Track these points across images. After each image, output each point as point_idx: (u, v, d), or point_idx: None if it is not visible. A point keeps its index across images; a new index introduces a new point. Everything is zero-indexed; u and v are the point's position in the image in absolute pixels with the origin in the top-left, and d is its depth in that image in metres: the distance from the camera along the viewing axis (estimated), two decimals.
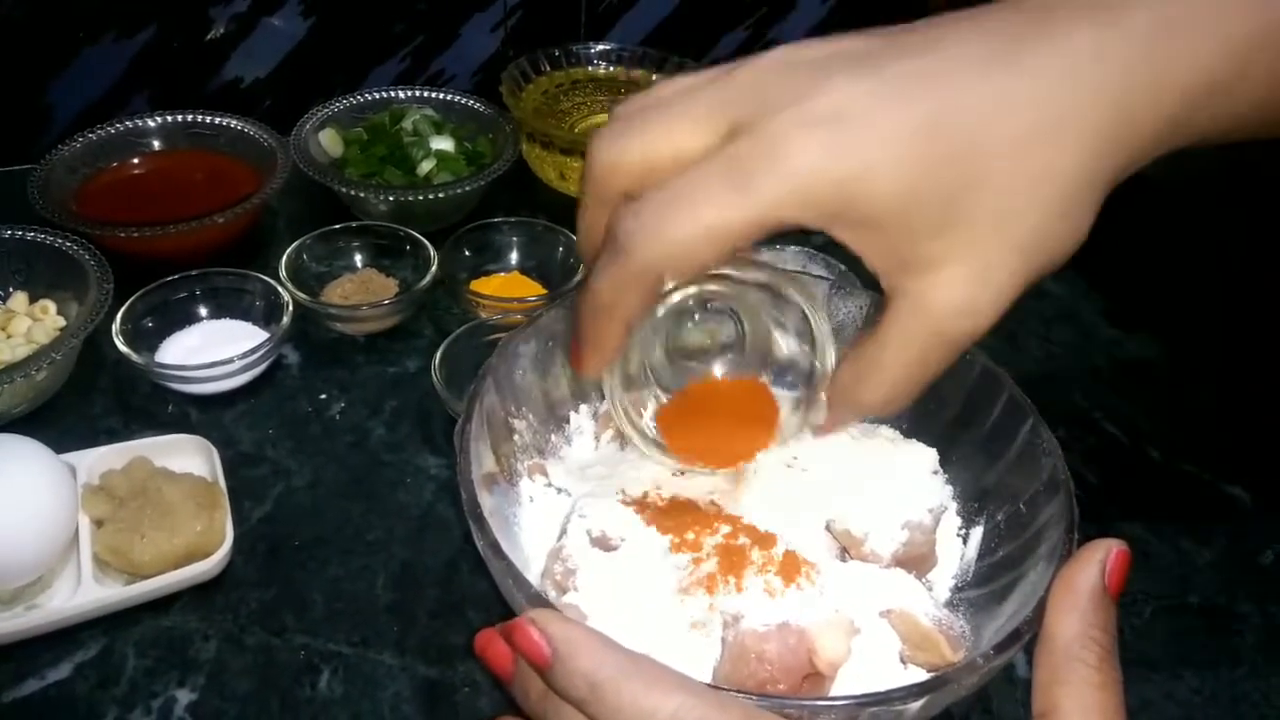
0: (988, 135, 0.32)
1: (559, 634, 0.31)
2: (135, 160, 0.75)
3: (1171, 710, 0.50)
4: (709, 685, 0.30)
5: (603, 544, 0.44)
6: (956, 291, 0.34)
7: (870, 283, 0.37)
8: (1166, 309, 0.76)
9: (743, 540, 0.43)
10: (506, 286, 0.70)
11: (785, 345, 0.45)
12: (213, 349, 0.61)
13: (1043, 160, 0.33)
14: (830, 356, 0.44)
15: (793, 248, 0.75)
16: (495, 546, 0.39)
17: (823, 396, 0.42)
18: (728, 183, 0.33)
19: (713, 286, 0.44)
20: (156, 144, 0.76)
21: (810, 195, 0.32)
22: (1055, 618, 0.34)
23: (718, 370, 0.47)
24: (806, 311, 0.44)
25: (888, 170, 0.32)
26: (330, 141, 0.76)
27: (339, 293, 0.67)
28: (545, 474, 0.50)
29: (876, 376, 0.37)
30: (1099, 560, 0.34)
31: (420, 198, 0.71)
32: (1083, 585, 0.34)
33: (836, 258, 0.73)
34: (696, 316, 0.46)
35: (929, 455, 0.49)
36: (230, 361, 0.59)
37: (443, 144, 0.76)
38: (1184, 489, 0.63)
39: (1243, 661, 0.53)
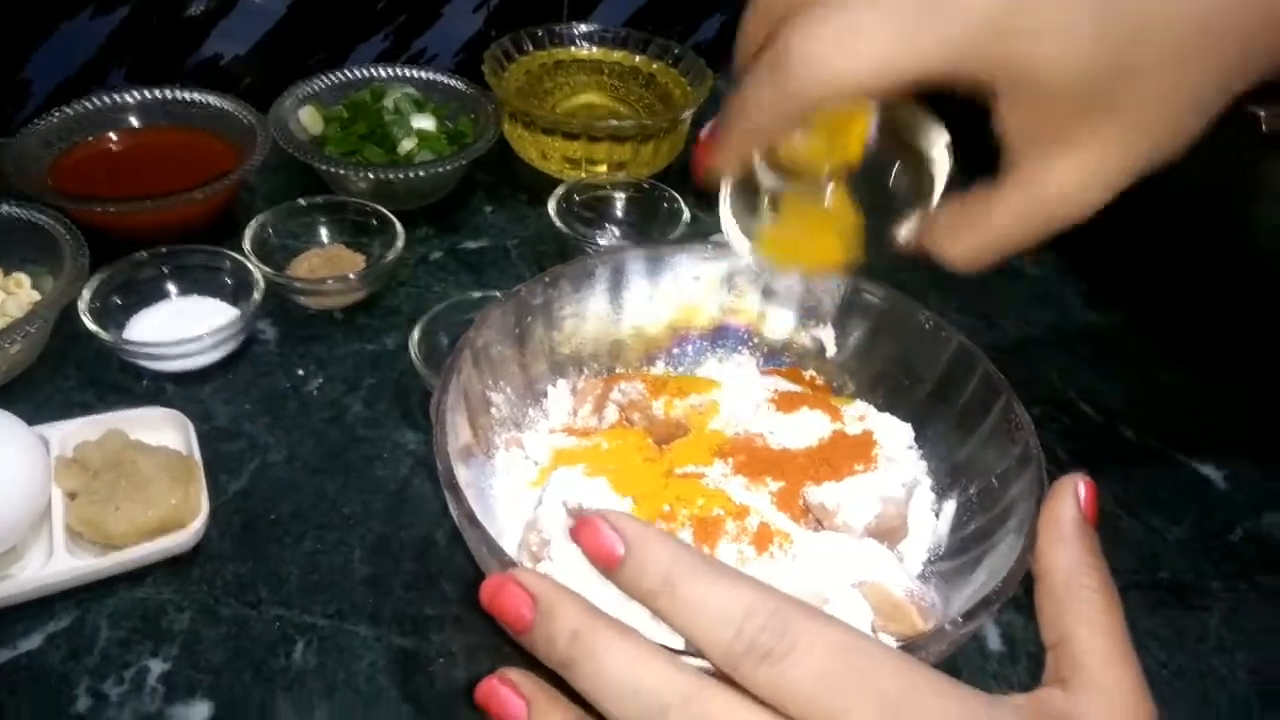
0: (1157, 26, 0.33)
1: (633, 527, 0.30)
2: (112, 135, 0.74)
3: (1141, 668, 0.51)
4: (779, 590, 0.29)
5: (577, 515, 0.44)
6: (1072, 177, 0.36)
7: None
8: (1144, 292, 0.77)
9: (717, 511, 0.44)
10: None
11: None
12: (183, 326, 0.60)
13: (1201, 63, 0.34)
14: (937, 197, 0.44)
15: None
16: (470, 515, 0.39)
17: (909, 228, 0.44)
18: (906, 19, 0.34)
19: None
20: (133, 120, 0.75)
21: (981, 44, 0.33)
22: (1048, 554, 0.34)
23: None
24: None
25: (1061, 37, 0.33)
26: (310, 119, 0.76)
27: (305, 267, 0.67)
28: (522, 447, 0.50)
29: (972, 233, 0.40)
30: (1071, 494, 0.35)
31: (401, 176, 0.70)
32: (1065, 518, 0.34)
33: None
34: None
35: (904, 430, 0.50)
36: (200, 339, 0.59)
37: (424, 123, 0.76)
38: (1156, 467, 0.63)
39: (1209, 637, 0.54)
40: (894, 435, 0.49)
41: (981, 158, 0.40)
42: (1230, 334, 0.72)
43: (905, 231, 0.45)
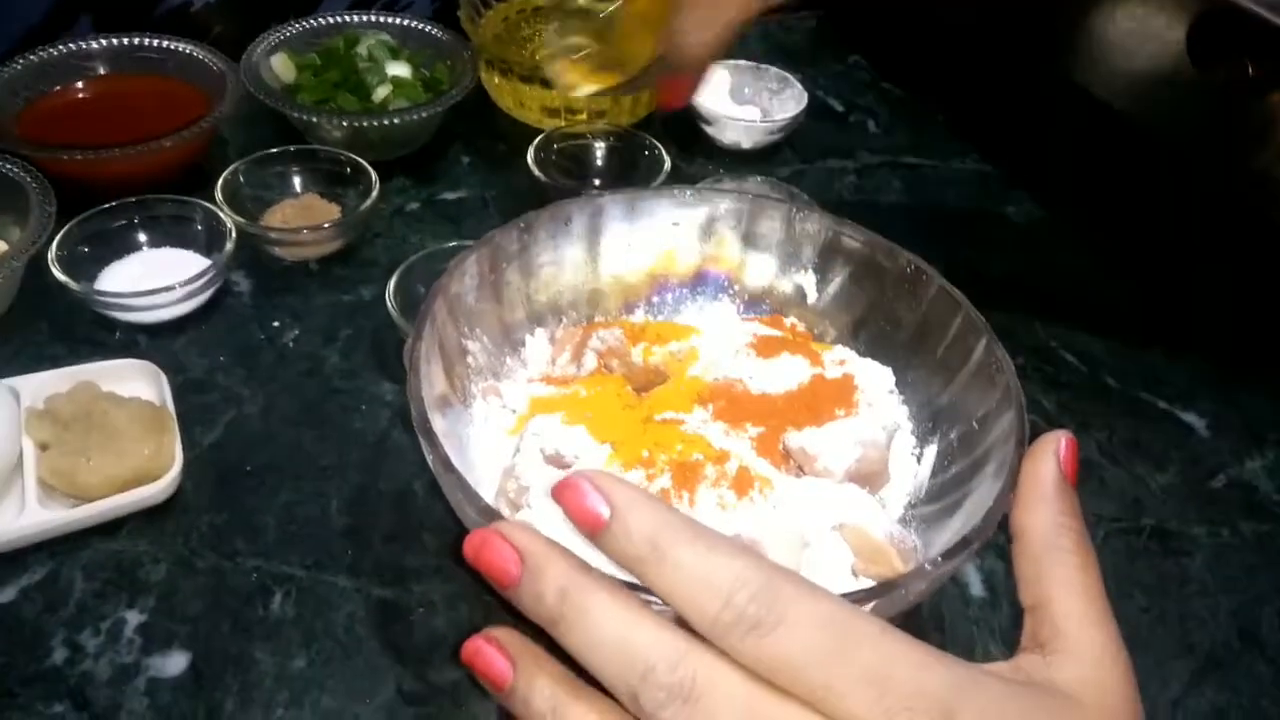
0: None
1: (618, 490, 0.29)
2: (79, 84, 0.72)
3: (1121, 629, 0.51)
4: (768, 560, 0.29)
5: (556, 461, 0.44)
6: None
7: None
8: (1127, 242, 0.76)
9: (697, 456, 0.43)
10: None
11: None
12: (155, 277, 0.59)
13: None
14: None
15: (756, 177, 0.74)
16: (446, 461, 0.38)
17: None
18: None
19: None
20: (102, 68, 0.73)
21: None
22: (1025, 514, 0.34)
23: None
24: None
25: None
26: (282, 67, 0.74)
27: (279, 217, 0.66)
28: (500, 395, 0.49)
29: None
30: (1052, 452, 0.35)
31: (375, 124, 0.69)
32: (1045, 477, 0.34)
33: (800, 187, 0.73)
34: None
35: (885, 374, 0.49)
36: (172, 289, 0.58)
37: (399, 70, 0.74)
38: (1140, 416, 0.63)
39: (1191, 581, 0.54)
40: (875, 380, 0.48)
41: None
42: (1214, 282, 0.72)
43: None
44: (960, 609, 0.51)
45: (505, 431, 0.48)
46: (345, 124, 0.69)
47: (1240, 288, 0.71)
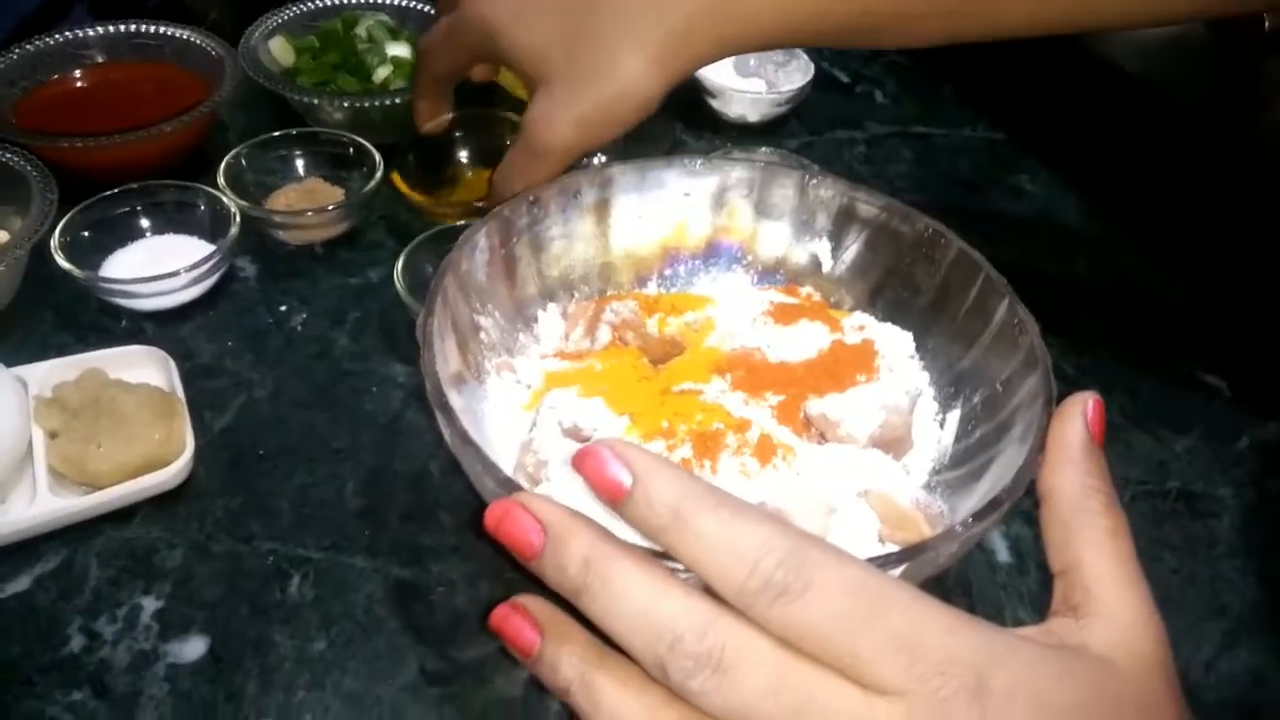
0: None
1: (640, 458, 0.29)
2: (76, 73, 0.71)
3: (1152, 591, 0.50)
4: (794, 526, 0.28)
5: (574, 434, 0.43)
6: (537, 112, 0.50)
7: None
8: (1143, 206, 0.75)
9: (717, 425, 0.42)
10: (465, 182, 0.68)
11: None
12: (159, 264, 0.59)
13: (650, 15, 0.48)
14: None
15: (764, 149, 0.73)
16: (464, 434, 0.37)
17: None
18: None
19: None
20: (99, 56, 0.72)
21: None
22: (1053, 477, 0.34)
23: None
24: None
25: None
26: (281, 50, 0.73)
27: (282, 201, 0.65)
28: (514, 371, 0.49)
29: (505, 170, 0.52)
30: (1080, 413, 0.34)
31: (376, 104, 0.68)
32: (1072, 440, 0.34)
33: (809, 159, 0.72)
34: None
35: (905, 339, 0.48)
36: (177, 275, 0.57)
37: (399, 50, 0.73)
38: (1162, 379, 0.62)
39: (1219, 543, 0.53)
40: (895, 345, 0.48)
41: None
42: (1233, 243, 0.71)
43: None
44: (987, 575, 0.50)
45: (520, 407, 0.47)
46: (346, 105, 0.68)
47: (1259, 249, 0.70)
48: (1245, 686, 0.47)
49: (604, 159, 0.72)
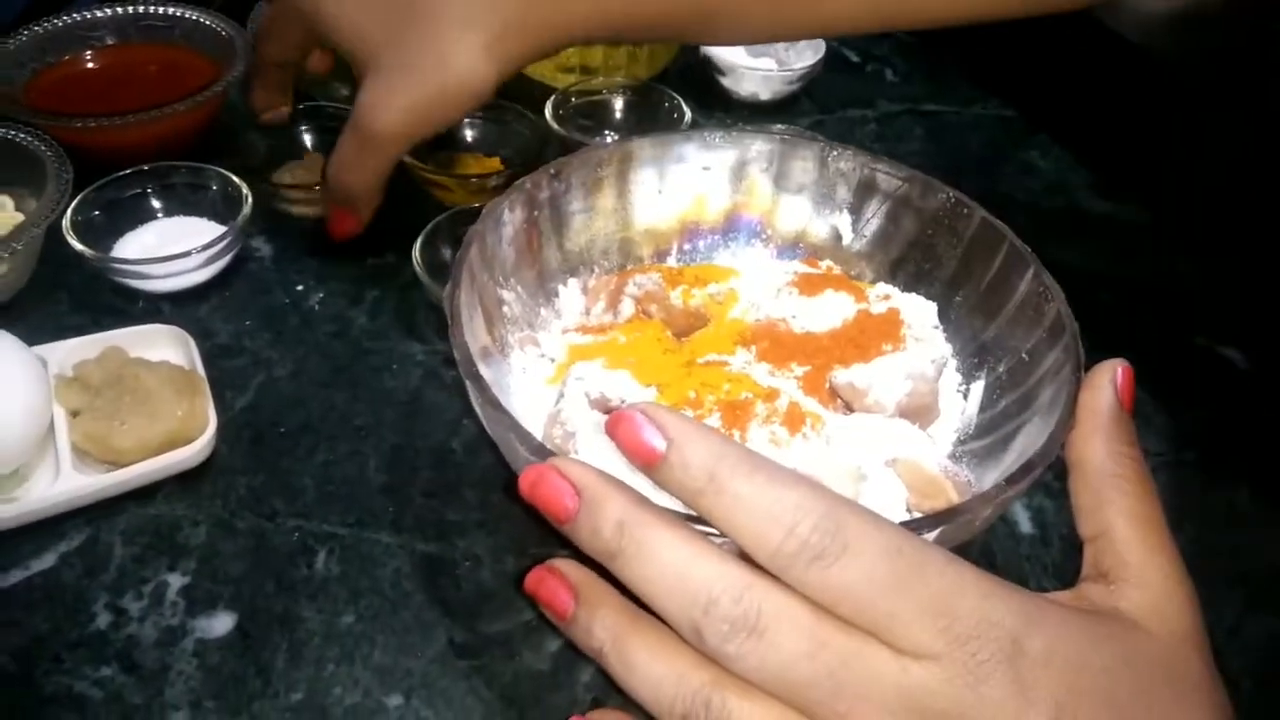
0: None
1: (674, 421, 0.28)
2: (86, 54, 0.71)
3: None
4: (829, 489, 0.28)
5: (602, 405, 0.43)
6: (366, 93, 0.50)
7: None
8: (1155, 179, 0.75)
9: (745, 395, 0.42)
10: (465, 168, 0.68)
11: None
12: (172, 245, 0.58)
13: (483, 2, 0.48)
14: None
15: (778, 126, 0.73)
16: (495, 402, 0.37)
17: None
18: None
19: None
20: (108, 38, 0.72)
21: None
22: (1083, 444, 0.34)
23: None
24: None
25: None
26: None
27: (288, 177, 0.65)
28: (537, 345, 0.49)
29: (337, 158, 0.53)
30: (1109, 380, 0.34)
31: None
32: (1102, 407, 0.34)
33: (824, 135, 0.72)
34: None
35: (929, 308, 0.48)
36: (190, 254, 0.57)
37: None
38: (1178, 352, 0.62)
39: (1239, 513, 0.53)
40: (920, 314, 0.48)
41: None
42: (1247, 214, 0.71)
43: None
44: (1011, 547, 0.50)
45: (545, 381, 0.47)
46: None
47: (1273, 222, 0.70)
48: (1269, 653, 0.47)
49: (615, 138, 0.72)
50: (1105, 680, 0.28)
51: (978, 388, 0.47)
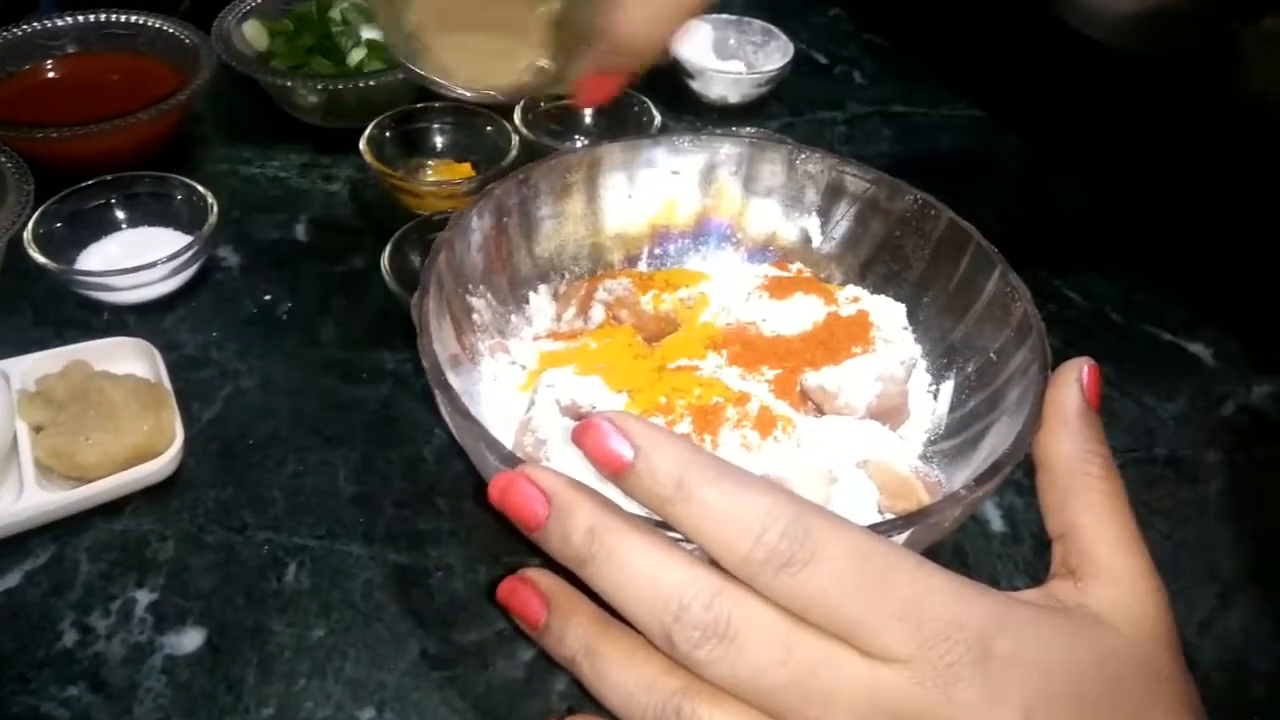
0: None
1: (641, 430, 0.28)
2: (47, 64, 0.70)
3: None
4: (797, 495, 0.28)
5: (572, 412, 0.43)
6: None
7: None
8: (1122, 178, 0.76)
9: (716, 399, 0.42)
10: (436, 174, 0.67)
11: None
12: (136, 257, 0.58)
13: None
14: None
15: (747, 129, 0.73)
16: (465, 411, 0.37)
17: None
18: None
19: None
20: (70, 47, 0.71)
21: None
22: (1050, 443, 0.34)
23: None
24: None
25: None
26: (255, 33, 0.72)
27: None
28: (508, 352, 0.48)
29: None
30: (1075, 379, 0.34)
31: (350, 86, 0.67)
32: (1068, 406, 0.34)
33: (794, 137, 0.72)
34: None
35: (898, 310, 0.49)
36: (155, 265, 0.56)
37: (373, 33, 0.72)
38: (1147, 349, 0.63)
39: (1209, 507, 0.54)
40: (889, 316, 0.48)
41: None
42: (1211, 214, 0.72)
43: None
44: (982, 545, 0.50)
45: (516, 388, 0.47)
46: (320, 88, 0.68)
47: (1237, 218, 0.71)
48: (1239, 647, 0.47)
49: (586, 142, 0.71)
50: (1074, 680, 0.28)
51: (947, 388, 0.48)
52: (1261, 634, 0.48)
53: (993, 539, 0.51)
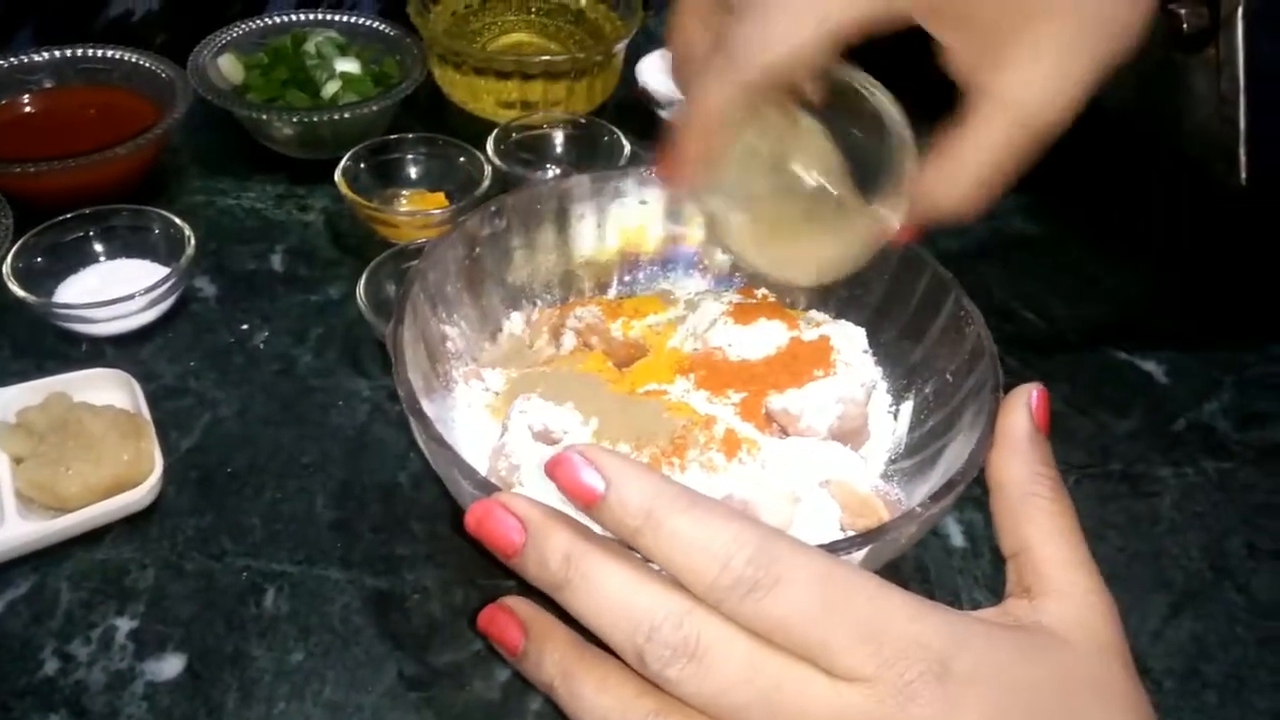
0: None
1: (611, 462, 0.29)
2: (24, 98, 0.71)
3: (1099, 569, 0.52)
4: (762, 523, 0.29)
5: (545, 438, 0.44)
6: (1037, 84, 0.38)
7: None
8: (1077, 201, 0.78)
9: (683, 422, 0.44)
10: (410, 204, 0.69)
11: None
12: (114, 289, 0.58)
13: None
14: (910, 158, 0.42)
15: None
16: (439, 439, 0.38)
17: (893, 205, 0.42)
18: None
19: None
20: (46, 81, 0.72)
21: None
22: (1001, 467, 0.35)
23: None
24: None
25: None
26: (230, 67, 0.73)
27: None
28: (481, 379, 0.50)
29: (961, 173, 0.39)
30: (1024, 405, 0.36)
31: (325, 119, 0.69)
32: (1017, 430, 0.35)
33: None
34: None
35: (858, 334, 0.50)
36: (133, 297, 0.57)
37: (348, 66, 0.74)
38: (1100, 367, 0.65)
39: (1162, 520, 0.56)
40: (849, 340, 0.49)
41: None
42: (1161, 235, 0.74)
43: (889, 206, 0.42)
44: (943, 559, 0.52)
45: (489, 413, 0.48)
46: (295, 120, 0.69)
47: (1190, 239, 0.74)
48: (1190, 655, 0.49)
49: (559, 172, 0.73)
50: (1031, 695, 0.29)
51: (906, 409, 0.49)
52: (1210, 642, 0.49)
53: (954, 554, 0.52)
